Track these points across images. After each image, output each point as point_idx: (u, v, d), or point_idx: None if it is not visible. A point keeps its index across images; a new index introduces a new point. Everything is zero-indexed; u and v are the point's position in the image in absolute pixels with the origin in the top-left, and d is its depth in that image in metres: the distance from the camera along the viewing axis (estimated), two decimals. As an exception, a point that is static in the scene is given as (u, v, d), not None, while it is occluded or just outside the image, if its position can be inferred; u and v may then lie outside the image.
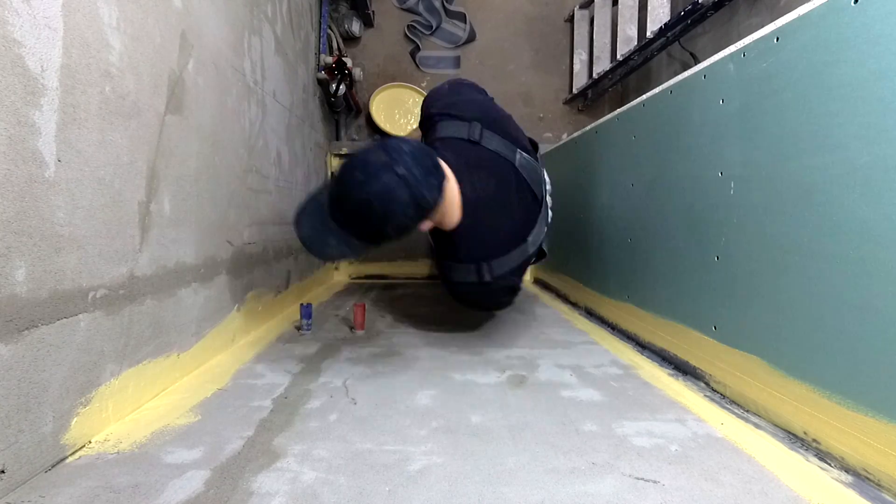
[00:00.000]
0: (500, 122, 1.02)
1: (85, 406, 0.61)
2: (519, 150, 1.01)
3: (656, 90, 1.04)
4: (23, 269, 0.51)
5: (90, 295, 0.62)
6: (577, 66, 2.39)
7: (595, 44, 2.22)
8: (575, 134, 1.62)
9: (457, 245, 0.92)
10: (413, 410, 0.74)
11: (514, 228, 0.98)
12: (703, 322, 0.87)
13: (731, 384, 0.80)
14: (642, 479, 0.56)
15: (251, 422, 0.69)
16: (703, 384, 0.87)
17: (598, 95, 2.37)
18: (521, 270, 1.00)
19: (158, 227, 0.77)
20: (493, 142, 0.97)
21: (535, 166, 1.09)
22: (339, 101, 2.11)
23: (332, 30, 2.13)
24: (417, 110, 2.35)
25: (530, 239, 1.00)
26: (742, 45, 0.77)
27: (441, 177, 0.82)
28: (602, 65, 2.18)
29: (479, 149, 0.96)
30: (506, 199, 0.96)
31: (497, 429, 0.68)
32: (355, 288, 2.00)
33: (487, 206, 0.92)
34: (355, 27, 2.31)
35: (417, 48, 2.40)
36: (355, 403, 0.76)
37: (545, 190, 1.09)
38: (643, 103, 1.10)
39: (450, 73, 2.44)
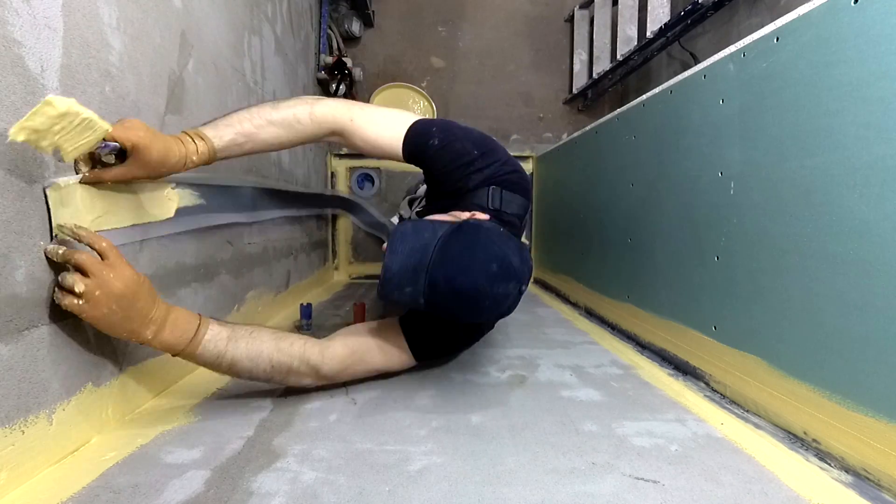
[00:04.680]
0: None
1: (85, 406, 0.61)
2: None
3: (656, 90, 1.04)
4: (23, 269, 0.51)
5: (90, 295, 0.62)
6: (577, 66, 2.39)
7: (595, 44, 2.22)
8: (575, 134, 1.63)
9: None
10: (413, 410, 0.74)
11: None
12: (703, 322, 0.87)
13: (731, 384, 0.80)
14: (642, 479, 0.56)
15: (251, 422, 0.69)
16: (703, 384, 0.87)
17: (598, 95, 2.37)
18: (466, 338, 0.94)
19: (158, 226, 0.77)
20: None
21: None
22: (339, 101, 2.11)
23: (332, 30, 2.13)
24: (418, 110, 2.36)
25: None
26: (742, 45, 0.77)
27: None
28: (602, 65, 2.18)
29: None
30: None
31: (497, 429, 0.68)
32: (355, 288, 2.00)
33: None
34: (355, 27, 2.31)
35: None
36: (355, 403, 0.76)
37: None
38: (643, 103, 1.10)
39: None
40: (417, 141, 0.80)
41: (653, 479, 0.56)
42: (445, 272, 0.65)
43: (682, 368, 0.94)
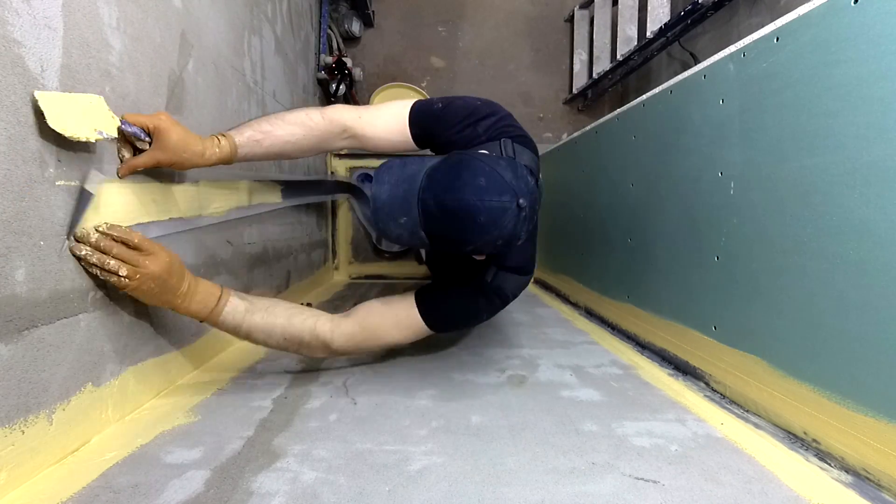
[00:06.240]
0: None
1: (85, 406, 0.61)
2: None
3: (656, 90, 1.04)
4: (23, 269, 0.51)
5: (90, 295, 0.62)
6: (577, 66, 2.39)
7: (595, 44, 2.22)
8: (575, 134, 1.63)
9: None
10: (413, 410, 0.74)
11: (527, 254, 0.88)
12: (703, 322, 0.87)
13: (731, 384, 0.80)
14: (642, 479, 0.56)
15: (251, 422, 0.69)
16: (703, 384, 0.87)
17: (598, 95, 2.37)
18: (504, 294, 0.86)
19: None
20: (524, 156, 0.86)
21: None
22: (339, 101, 2.11)
23: (332, 30, 2.13)
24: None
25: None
26: (742, 45, 0.77)
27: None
28: (602, 65, 2.18)
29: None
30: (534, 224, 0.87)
31: (497, 429, 0.68)
32: (355, 288, 2.00)
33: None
34: (355, 27, 2.31)
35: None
36: (355, 403, 0.76)
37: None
38: (643, 103, 1.10)
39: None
40: (422, 110, 0.84)
41: (653, 479, 0.56)
42: (434, 194, 0.66)
43: (682, 368, 0.94)
